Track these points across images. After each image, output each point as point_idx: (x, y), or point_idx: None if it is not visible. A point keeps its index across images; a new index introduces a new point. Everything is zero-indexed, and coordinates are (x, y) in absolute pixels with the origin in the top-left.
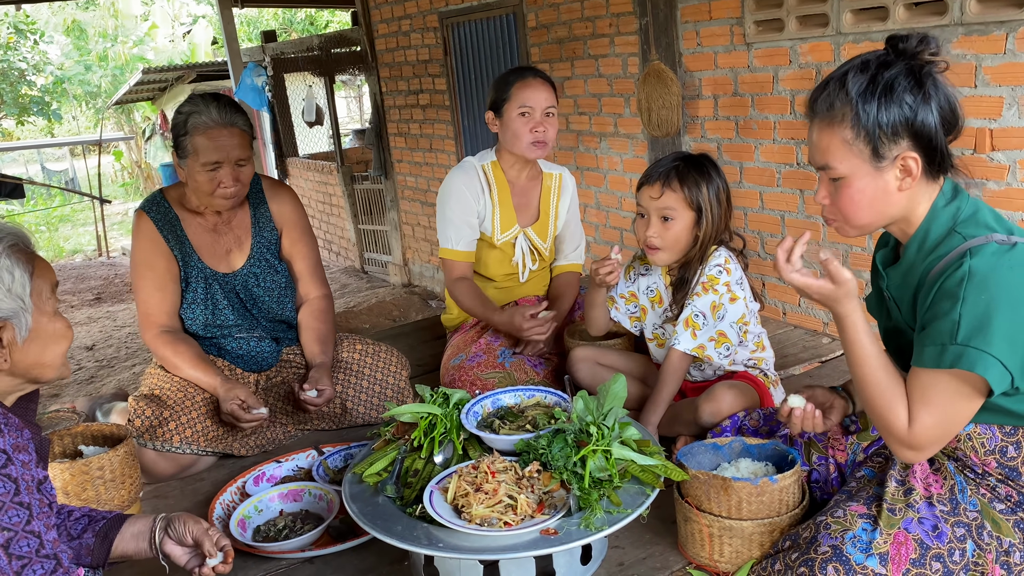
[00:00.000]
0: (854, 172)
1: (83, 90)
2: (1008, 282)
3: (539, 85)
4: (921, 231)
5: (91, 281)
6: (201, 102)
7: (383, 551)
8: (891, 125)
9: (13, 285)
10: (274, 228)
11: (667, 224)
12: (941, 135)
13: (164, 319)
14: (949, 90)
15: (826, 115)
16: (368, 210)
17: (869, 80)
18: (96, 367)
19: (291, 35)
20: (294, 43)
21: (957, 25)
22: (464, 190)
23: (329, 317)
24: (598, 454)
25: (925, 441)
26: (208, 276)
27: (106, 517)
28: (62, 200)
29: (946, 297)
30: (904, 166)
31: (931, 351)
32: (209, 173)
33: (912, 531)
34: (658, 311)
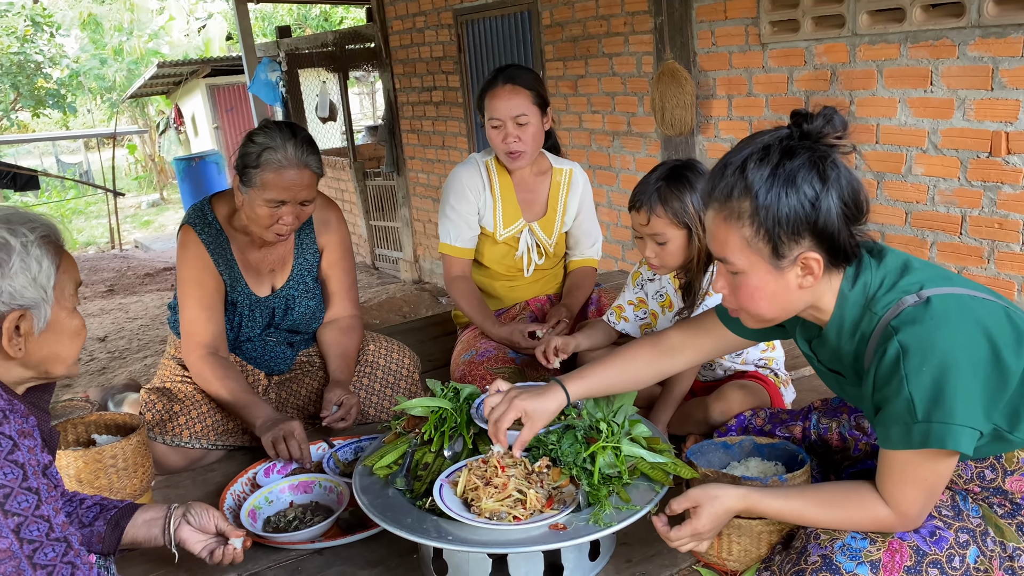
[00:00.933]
0: (753, 269)
1: (98, 83)
2: (940, 345)
3: (506, 94)
4: (836, 318)
5: (104, 273)
6: (279, 136)
7: (392, 543)
8: (792, 225)
9: (39, 275)
10: (316, 250)
11: (662, 247)
12: (844, 231)
13: (209, 340)
14: (853, 177)
15: (724, 206)
16: (380, 206)
17: (771, 172)
18: (108, 358)
19: (305, 31)
20: (308, 39)
21: (974, 27)
22: (464, 187)
23: (355, 335)
24: (608, 451)
25: (916, 513)
26: (252, 302)
27: (117, 506)
28: (76, 192)
29: (890, 380)
30: (805, 265)
31: (896, 432)
32: (271, 209)
33: (907, 539)
34: (669, 315)
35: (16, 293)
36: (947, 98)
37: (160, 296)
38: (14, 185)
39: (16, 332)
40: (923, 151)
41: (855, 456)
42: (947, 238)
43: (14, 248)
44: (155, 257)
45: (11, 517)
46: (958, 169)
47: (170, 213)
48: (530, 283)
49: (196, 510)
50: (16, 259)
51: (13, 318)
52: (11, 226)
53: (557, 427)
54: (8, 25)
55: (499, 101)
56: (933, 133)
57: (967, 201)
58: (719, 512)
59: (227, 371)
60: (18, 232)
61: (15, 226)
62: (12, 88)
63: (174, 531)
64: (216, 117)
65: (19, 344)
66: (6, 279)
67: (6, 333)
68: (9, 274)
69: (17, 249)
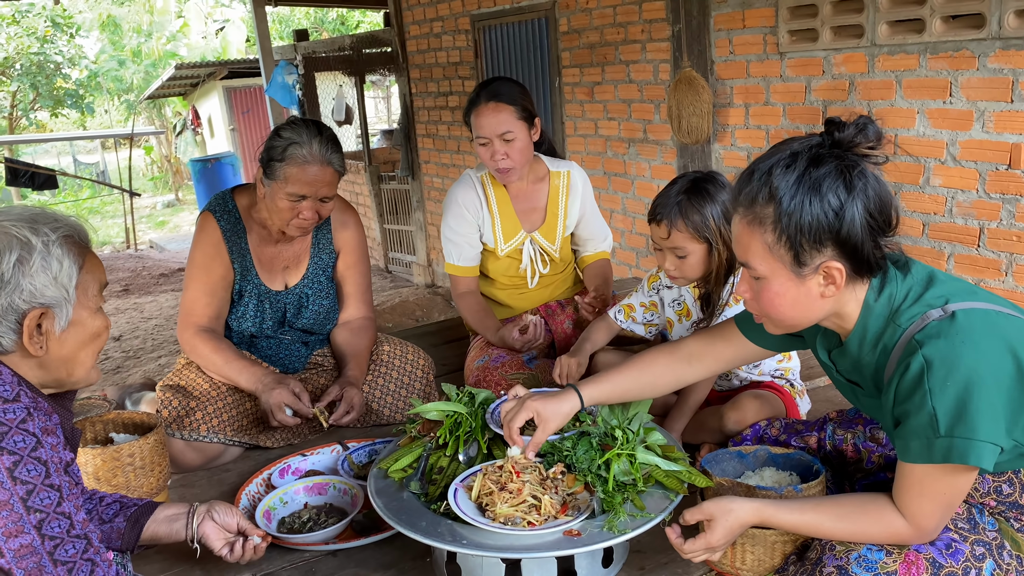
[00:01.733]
0: (775, 275)
1: (116, 84)
2: (965, 361)
3: (491, 112)
4: (859, 328)
5: (119, 273)
6: (305, 132)
7: (406, 546)
8: (814, 233)
9: (60, 275)
10: (333, 251)
11: (681, 260)
12: (868, 243)
13: (205, 320)
14: (882, 188)
15: (748, 211)
16: (394, 210)
17: (796, 179)
18: (123, 357)
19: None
20: (325, 42)
21: (995, 39)
22: (461, 207)
23: (367, 336)
24: (623, 458)
25: (933, 526)
26: (262, 294)
27: (137, 504)
28: (92, 192)
29: (913, 393)
30: (827, 274)
31: (917, 445)
32: (292, 203)
33: (923, 551)
34: (686, 324)
35: (37, 291)
36: (966, 109)
37: (175, 296)
38: (32, 184)
39: (38, 330)
40: (941, 162)
41: (869, 468)
42: (965, 250)
43: (35, 247)
44: (170, 257)
45: (33, 513)
46: (976, 181)
47: (185, 214)
48: (538, 290)
49: (220, 508)
50: (37, 258)
51: (34, 316)
52: (35, 225)
53: (572, 434)
54: (29, 26)
55: (483, 119)
56: (952, 144)
57: (985, 213)
58: (733, 526)
59: (219, 343)
60: (40, 231)
61: (38, 225)
62: (31, 88)
63: (197, 526)
64: (232, 119)
65: (40, 342)
66: (27, 277)
67: (27, 330)
68: (30, 272)
69: (39, 248)
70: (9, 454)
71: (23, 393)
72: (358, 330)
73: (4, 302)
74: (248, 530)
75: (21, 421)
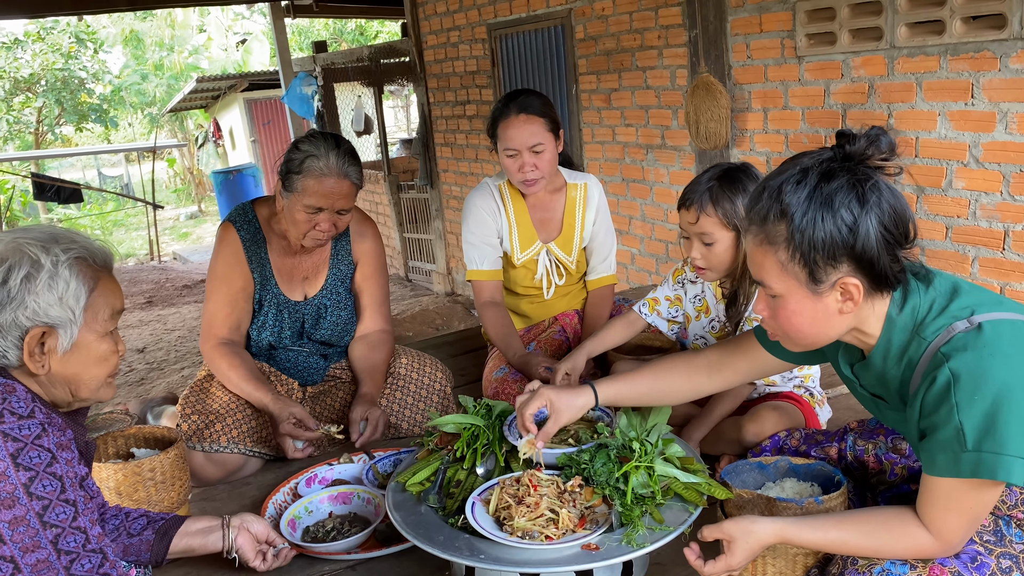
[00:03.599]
0: (790, 293)
1: (139, 98)
2: (993, 374)
3: (522, 123)
4: (883, 342)
5: (143, 285)
6: (323, 145)
7: (424, 560)
8: (828, 249)
9: (66, 295)
10: (351, 262)
11: (709, 247)
12: (885, 257)
13: (226, 332)
14: (897, 201)
15: (761, 229)
16: (413, 219)
17: (807, 195)
18: (147, 369)
19: (341, 45)
20: (344, 53)
21: (1016, 39)
22: (481, 211)
23: (384, 350)
24: (641, 470)
25: (958, 540)
26: (281, 304)
27: (164, 518)
28: (116, 205)
29: (939, 407)
30: (844, 291)
31: (944, 459)
32: (309, 215)
33: (948, 564)
34: (704, 321)
35: (41, 310)
36: (988, 111)
37: (198, 308)
38: (58, 198)
39: (40, 348)
40: (964, 165)
41: (892, 480)
42: (989, 253)
43: (43, 266)
44: (193, 269)
45: (49, 528)
46: (1000, 183)
47: (208, 225)
48: (556, 299)
49: (252, 519)
50: (44, 276)
51: (36, 334)
52: (48, 245)
53: (590, 446)
54: (54, 42)
55: (514, 131)
56: (974, 146)
57: (1010, 216)
58: (754, 547)
59: (235, 358)
60: (52, 251)
61: (52, 245)
62: (56, 103)
63: (234, 538)
64: (254, 131)
65: (42, 361)
66: (32, 295)
67: (27, 348)
68: (35, 290)
69: (47, 267)
70: (25, 470)
71: (37, 409)
72: (375, 344)
73: (8, 317)
74: (275, 541)
75: (36, 437)
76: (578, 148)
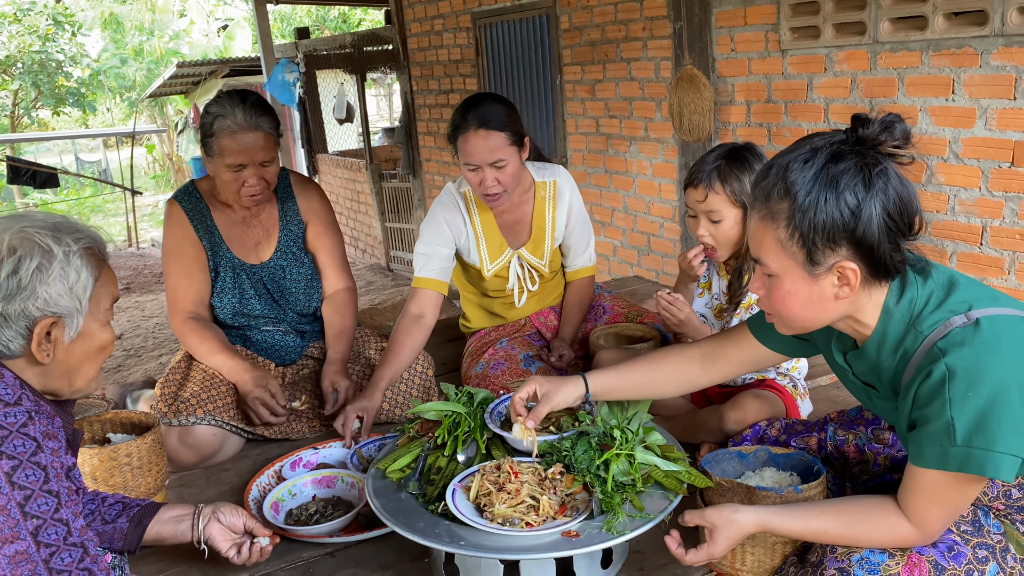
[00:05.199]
0: (787, 273)
1: (118, 83)
2: (989, 371)
3: (481, 139)
4: (878, 334)
5: (121, 271)
6: (228, 103)
7: (404, 547)
8: (828, 231)
9: (76, 285)
10: (300, 222)
11: (717, 225)
12: (885, 244)
13: (190, 306)
14: (905, 190)
15: (763, 206)
16: (395, 208)
17: (813, 175)
18: (124, 356)
19: (324, 32)
20: (327, 40)
21: (998, 36)
22: (442, 223)
23: (349, 311)
24: (622, 458)
25: (937, 530)
26: (236, 266)
27: (139, 504)
28: (94, 191)
29: (932, 401)
30: (842, 275)
31: (932, 452)
32: (234, 173)
33: (926, 553)
34: (706, 298)
35: (51, 300)
36: (969, 107)
37: None
38: (34, 182)
39: (47, 338)
40: (944, 160)
41: (874, 471)
42: (967, 248)
43: (56, 256)
44: None
45: (30, 519)
46: (979, 179)
47: None
48: (529, 303)
49: (226, 509)
50: (57, 267)
51: (45, 324)
52: (57, 234)
53: (571, 434)
54: (30, 24)
55: (472, 146)
56: (954, 142)
57: (988, 211)
58: (735, 536)
59: (206, 331)
60: (63, 241)
61: (61, 235)
62: (33, 86)
63: (203, 528)
64: None
65: (48, 350)
66: (43, 285)
67: (36, 338)
68: (47, 280)
69: (59, 257)
70: (8, 458)
71: (25, 397)
72: (339, 306)
73: (18, 307)
74: (255, 530)
75: (22, 425)
76: (562, 139)
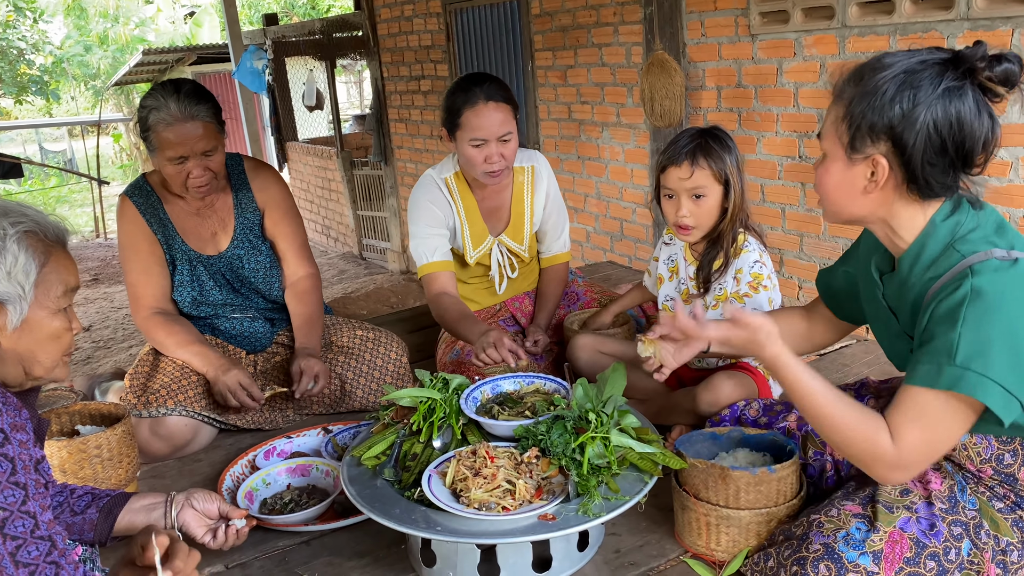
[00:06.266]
0: (832, 153)
1: (82, 71)
2: (1012, 303)
3: (490, 111)
4: (916, 246)
5: (88, 262)
6: (161, 95)
7: (380, 533)
8: (874, 123)
9: (14, 270)
10: (256, 209)
11: (699, 201)
12: (921, 155)
13: (152, 301)
14: (974, 119)
15: (844, 85)
16: (367, 196)
17: (892, 73)
18: (93, 348)
19: (292, 19)
20: (295, 26)
21: (963, 20)
22: (430, 204)
23: (313, 298)
24: (597, 441)
25: (913, 460)
26: (192, 258)
27: (109, 494)
28: (59, 181)
29: (945, 317)
30: (874, 168)
31: (926, 370)
32: (176, 166)
33: (908, 530)
34: (676, 282)
35: None
36: None
37: None
38: None
39: None
40: None
41: None
42: None
43: None
44: None
45: None
46: None
47: None
48: (508, 285)
49: (200, 495)
50: None
51: None
52: None
53: (547, 417)
54: None
55: (484, 119)
56: None
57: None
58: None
59: (173, 325)
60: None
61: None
62: None
63: (176, 514)
64: None
65: None
66: None
67: None
68: None
69: None
70: None
71: None
72: (303, 294)
73: None
74: (230, 513)
75: None
76: (534, 126)
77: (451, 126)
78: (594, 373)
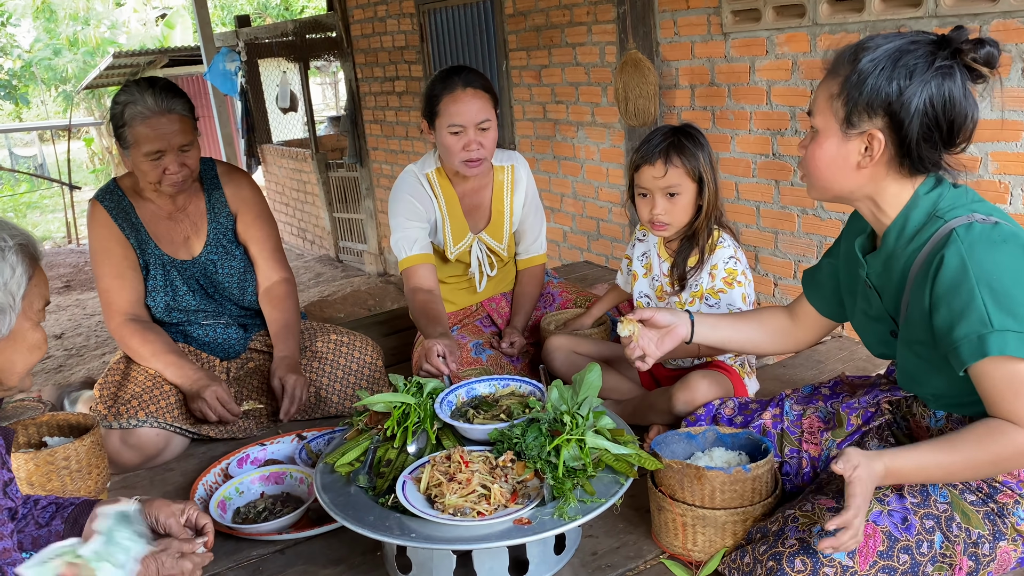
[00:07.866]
0: (826, 128)
1: (51, 74)
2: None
3: (469, 98)
4: (900, 219)
5: (60, 269)
6: (136, 90)
7: (355, 541)
8: (871, 99)
9: (10, 282)
10: (229, 213)
11: (673, 199)
12: (916, 130)
13: (127, 307)
14: (961, 99)
15: (835, 65)
16: (343, 198)
17: (885, 51)
18: (65, 356)
19: (265, 20)
20: (268, 28)
21: (931, 17)
22: (411, 199)
23: (288, 304)
24: (572, 443)
25: None
26: (166, 263)
27: (73, 503)
28: (29, 186)
29: (957, 286)
30: (870, 143)
31: (996, 339)
32: (153, 162)
33: (880, 523)
34: (649, 279)
35: None
36: None
37: None
38: None
39: None
40: None
41: (848, 430)
42: None
43: None
44: None
45: None
46: None
47: None
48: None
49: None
50: None
51: None
52: None
53: (521, 420)
54: None
55: (461, 106)
56: None
57: None
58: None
59: (148, 333)
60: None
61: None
62: None
63: None
64: None
65: None
66: None
67: None
68: None
69: None
70: None
71: None
72: (278, 300)
73: None
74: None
75: None
76: (509, 126)
77: (430, 114)
78: (570, 374)
